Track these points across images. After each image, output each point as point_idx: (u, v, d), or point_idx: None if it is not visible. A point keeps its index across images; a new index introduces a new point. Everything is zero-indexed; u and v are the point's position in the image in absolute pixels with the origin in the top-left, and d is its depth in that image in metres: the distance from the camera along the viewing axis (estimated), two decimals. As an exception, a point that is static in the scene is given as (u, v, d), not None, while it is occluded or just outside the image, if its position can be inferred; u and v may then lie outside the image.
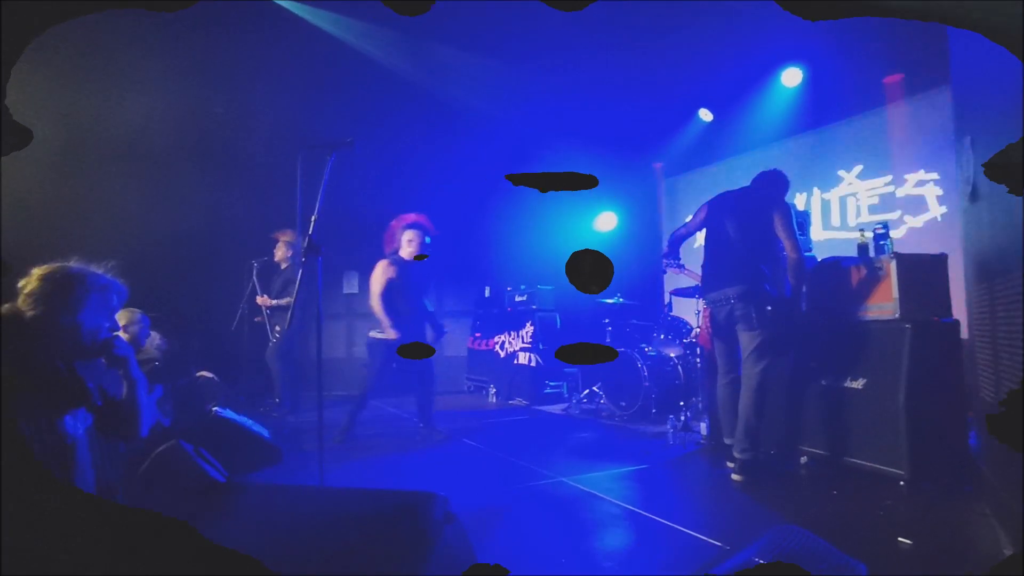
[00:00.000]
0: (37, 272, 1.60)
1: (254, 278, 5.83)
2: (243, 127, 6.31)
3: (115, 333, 1.73)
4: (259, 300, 5.75)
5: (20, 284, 1.59)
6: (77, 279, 1.62)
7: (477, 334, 7.84)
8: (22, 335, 1.51)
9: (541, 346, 6.55)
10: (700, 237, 3.79)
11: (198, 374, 4.53)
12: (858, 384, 3.17)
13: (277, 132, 6.29)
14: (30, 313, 1.55)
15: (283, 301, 5.65)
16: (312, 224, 2.50)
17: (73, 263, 1.66)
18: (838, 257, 3.53)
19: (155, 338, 4.78)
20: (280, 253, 5.86)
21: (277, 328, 5.68)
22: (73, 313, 1.59)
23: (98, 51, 5.20)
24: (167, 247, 5.64)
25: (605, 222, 8.39)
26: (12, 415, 1.39)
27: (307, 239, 2.46)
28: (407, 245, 4.46)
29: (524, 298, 7.01)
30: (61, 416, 1.53)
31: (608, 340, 5.86)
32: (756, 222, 3.35)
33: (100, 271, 1.70)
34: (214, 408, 3.29)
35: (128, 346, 1.75)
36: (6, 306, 1.56)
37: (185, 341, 5.21)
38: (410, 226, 4.46)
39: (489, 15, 5.54)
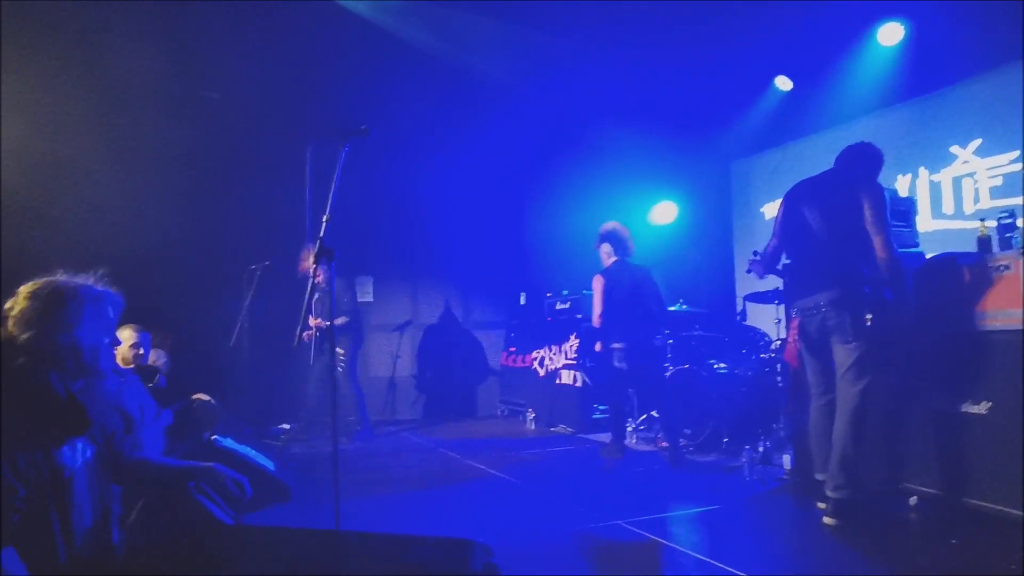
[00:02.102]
0: (24, 291, 1.69)
1: (310, 302, 6.17)
2: (242, 114, 6.49)
3: (139, 352, 1.84)
4: (313, 322, 6.17)
5: (7, 307, 1.68)
6: (67, 293, 1.71)
7: (512, 349, 7.88)
8: (17, 361, 1.59)
9: (588, 363, 6.53)
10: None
11: (194, 397, 4.68)
12: (980, 408, 3.09)
13: (282, 119, 6.44)
14: (23, 336, 1.63)
15: (339, 321, 6.16)
16: (324, 226, 2.57)
17: (60, 276, 1.74)
18: (953, 253, 3.44)
19: (161, 356, 4.99)
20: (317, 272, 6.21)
21: (340, 351, 6.16)
22: (69, 330, 1.67)
23: (79, 34, 5.42)
24: (156, 252, 5.84)
25: (663, 214, 8.34)
26: (10, 447, 1.48)
27: (318, 243, 2.53)
28: None
29: (567, 306, 7.01)
30: (59, 446, 1.61)
31: (669, 355, 5.82)
32: (844, 210, 3.28)
33: (90, 282, 1.79)
34: (213, 437, 3.40)
35: None
36: None
37: (177, 358, 5.39)
38: None
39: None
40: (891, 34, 6.16)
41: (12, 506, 1.45)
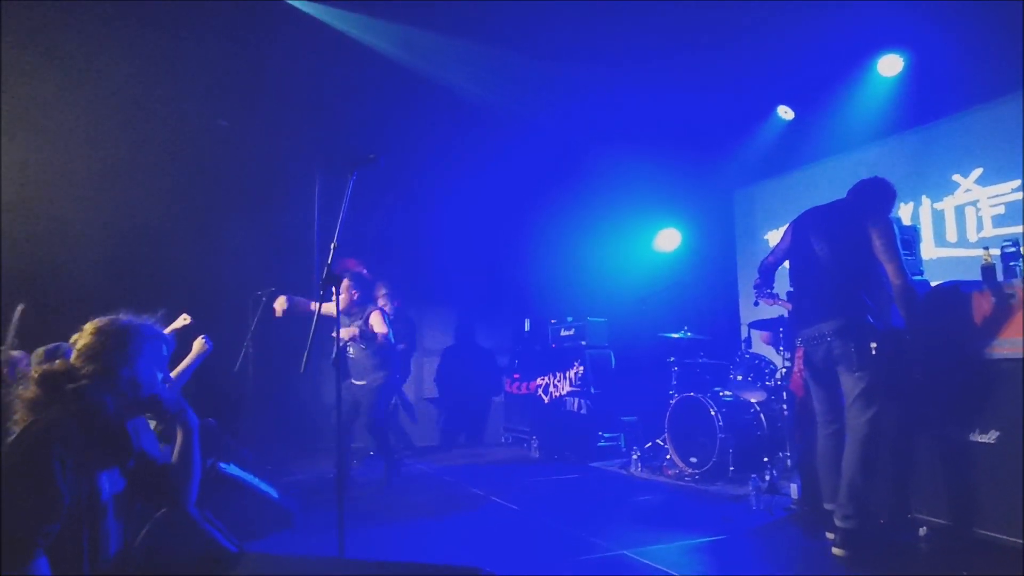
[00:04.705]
0: (90, 327, 1.87)
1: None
2: (252, 142, 6.56)
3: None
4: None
5: (72, 339, 1.86)
6: (131, 331, 1.88)
7: (516, 375, 7.86)
8: (79, 390, 1.73)
9: (593, 390, 6.51)
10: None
11: (196, 422, 4.67)
12: (988, 438, 3.06)
13: (291, 147, 6.51)
14: (86, 368, 1.78)
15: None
16: (332, 253, 2.61)
17: (123, 315, 1.93)
18: (957, 281, 3.45)
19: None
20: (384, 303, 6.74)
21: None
22: (131, 364, 1.84)
23: (85, 58, 5.50)
24: (160, 276, 5.87)
25: (667, 241, 8.36)
26: (64, 458, 1.60)
27: (326, 269, 2.57)
28: None
29: (571, 332, 7.01)
30: (103, 470, 1.75)
31: (674, 382, 5.80)
32: (852, 241, 3.31)
33: (150, 322, 1.98)
34: (216, 463, 3.39)
35: (195, 416, 2.01)
36: (59, 362, 1.80)
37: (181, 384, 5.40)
38: None
39: (524, 4, 5.66)
40: (891, 65, 6.24)
41: (56, 512, 1.56)
